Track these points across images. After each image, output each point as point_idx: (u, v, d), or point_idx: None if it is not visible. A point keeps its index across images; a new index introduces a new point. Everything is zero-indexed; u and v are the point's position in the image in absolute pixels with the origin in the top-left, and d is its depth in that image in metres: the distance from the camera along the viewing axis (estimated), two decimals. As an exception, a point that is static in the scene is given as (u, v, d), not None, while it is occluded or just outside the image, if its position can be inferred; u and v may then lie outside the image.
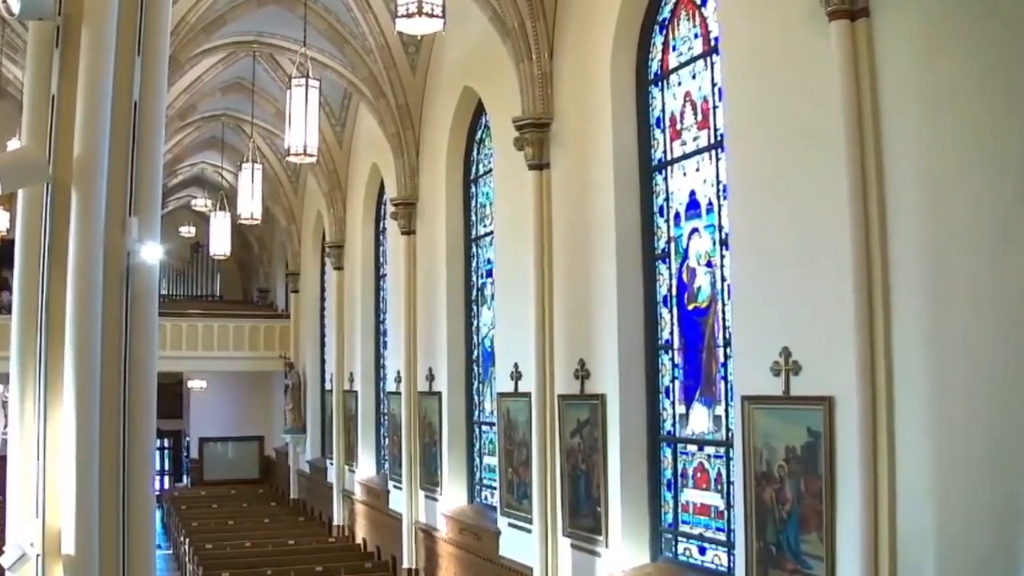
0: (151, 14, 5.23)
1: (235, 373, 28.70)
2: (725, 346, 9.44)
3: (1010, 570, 6.10)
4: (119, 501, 4.90)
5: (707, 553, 9.78)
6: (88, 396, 4.72)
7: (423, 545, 16.37)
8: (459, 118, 15.54)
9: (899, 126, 7.06)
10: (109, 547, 4.84)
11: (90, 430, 4.72)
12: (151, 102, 5.21)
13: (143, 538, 5.01)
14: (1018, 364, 6.13)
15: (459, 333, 15.56)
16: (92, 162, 4.86)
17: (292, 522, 23.10)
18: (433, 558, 15.89)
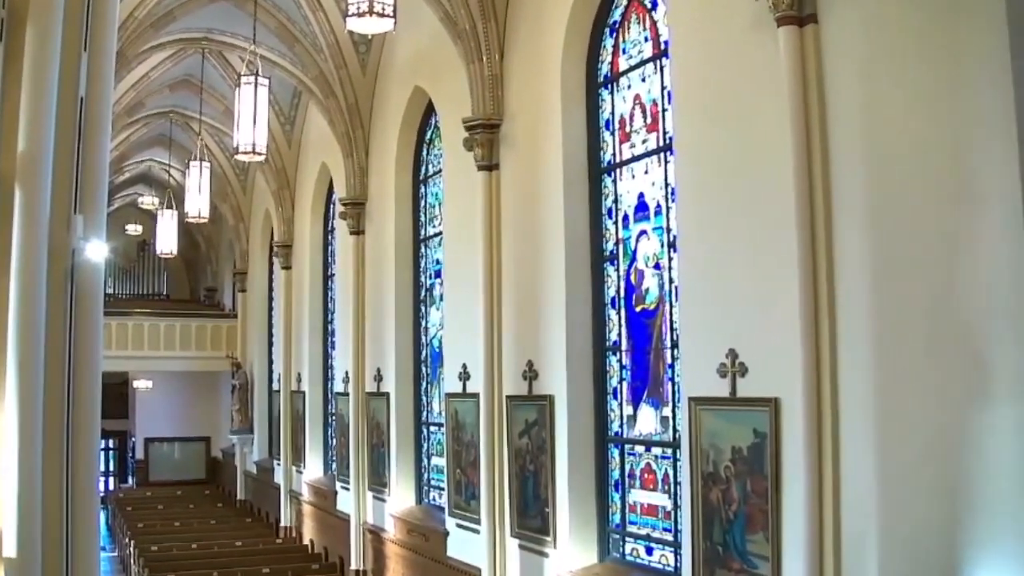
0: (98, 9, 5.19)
1: (182, 373, 28.44)
2: (673, 348, 9.50)
3: (952, 569, 6.19)
4: (62, 503, 4.85)
5: (654, 553, 9.84)
6: (31, 396, 4.67)
7: (371, 546, 16.32)
8: (409, 118, 15.52)
9: (846, 131, 7.15)
10: (52, 550, 4.79)
11: (33, 430, 4.67)
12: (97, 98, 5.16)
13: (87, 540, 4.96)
14: (961, 367, 6.22)
15: (407, 334, 15.53)
16: (37, 158, 4.80)
17: (239, 523, 22.93)
18: (381, 559, 15.84)
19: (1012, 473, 5.87)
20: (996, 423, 5.99)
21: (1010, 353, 5.93)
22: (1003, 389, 5.96)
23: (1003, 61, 6.01)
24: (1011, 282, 5.92)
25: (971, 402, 6.15)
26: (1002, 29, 6.02)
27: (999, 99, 6.02)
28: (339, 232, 18.68)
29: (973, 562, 6.08)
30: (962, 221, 6.26)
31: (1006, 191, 5.95)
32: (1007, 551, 5.88)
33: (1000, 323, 6.00)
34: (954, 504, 6.22)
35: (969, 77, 6.25)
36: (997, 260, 6.03)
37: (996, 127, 6.04)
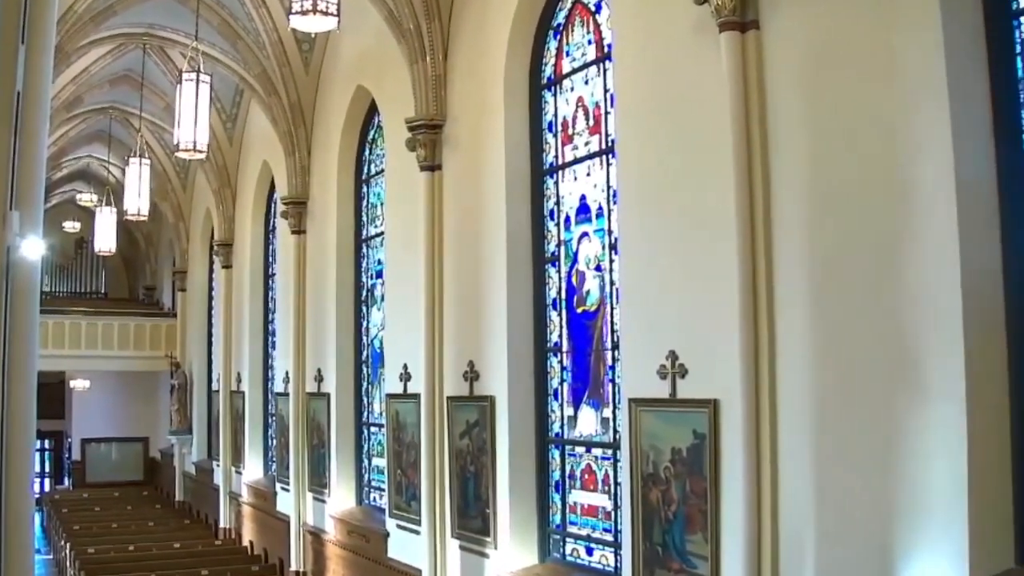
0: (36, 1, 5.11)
1: (119, 373, 28.12)
2: (613, 349, 9.56)
3: (887, 567, 6.30)
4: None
5: (594, 553, 9.88)
6: (-36, 395, 4.60)
7: (311, 547, 16.23)
8: (352, 117, 15.47)
9: (786, 136, 7.23)
10: (-16, 551, 4.71)
11: (-35, 430, 4.60)
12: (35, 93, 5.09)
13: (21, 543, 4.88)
14: (896, 368, 6.32)
15: (348, 334, 15.48)
16: (-29, 154, 4.73)
17: (177, 525, 22.67)
18: (321, 560, 15.76)
19: (945, 473, 5.97)
20: (930, 423, 6.10)
21: (943, 355, 6.03)
22: (937, 390, 6.07)
23: (939, 69, 6.13)
24: (945, 286, 6.03)
25: (906, 403, 6.25)
26: (938, 38, 6.14)
27: (935, 107, 6.14)
28: (280, 231, 18.54)
29: (908, 560, 6.19)
30: (899, 225, 6.37)
31: (942, 197, 6.07)
32: (941, 549, 5.99)
33: (934, 326, 6.11)
34: (890, 503, 6.33)
35: (906, 84, 6.36)
36: (932, 264, 6.13)
37: (932, 134, 6.16)
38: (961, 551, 5.87)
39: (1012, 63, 6.22)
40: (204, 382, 24.74)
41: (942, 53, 6.13)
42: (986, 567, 5.86)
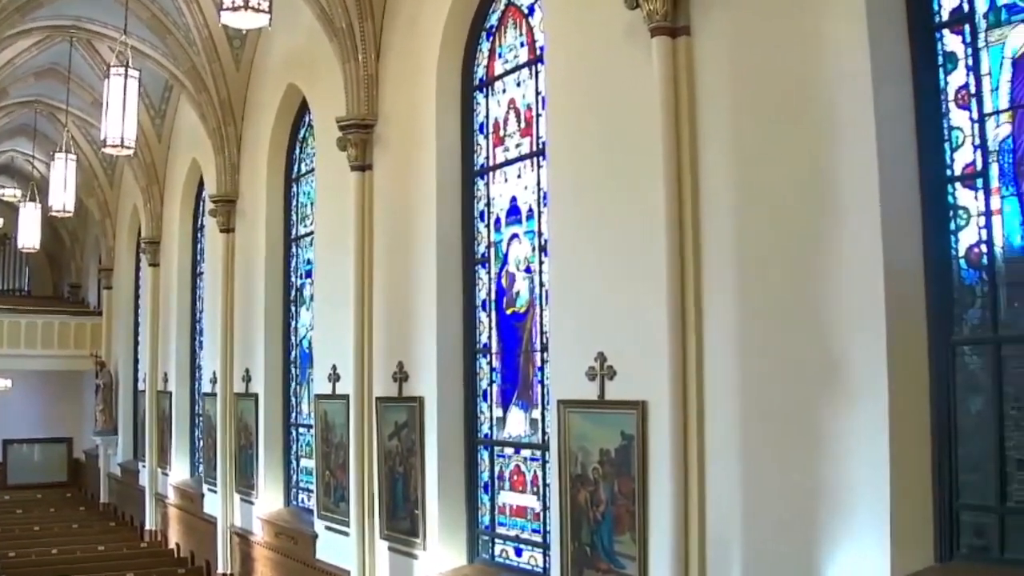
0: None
1: (43, 372, 27.60)
2: (542, 350, 9.58)
3: (813, 564, 6.39)
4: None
5: (523, 554, 9.90)
6: None
7: (238, 549, 16.07)
8: (282, 116, 15.35)
9: (715, 141, 7.31)
10: None
11: None
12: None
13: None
14: (821, 369, 6.42)
15: (277, 334, 15.37)
16: None
17: (102, 527, 22.34)
18: (249, 562, 15.61)
19: (869, 472, 6.08)
20: (854, 423, 6.20)
21: (866, 356, 6.14)
22: (860, 390, 6.17)
23: (864, 76, 6.24)
24: (867, 288, 6.14)
25: (831, 403, 6.35)
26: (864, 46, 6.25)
27: (861, 112, 6.25)
28: (209, 230, 18.33)
29: (832, 558, 6.28)
30: (824, 227, 6.47)
31: (865, 200, 6.18)
32: (864, 548, 6.09)
33: (857, 327, 6.21)
34: (815, 503, 6.42)
35: (832, 90, 6.46)
36: (855, 266, 6.24)
37: (857, 139, 6.26)
38: (884, 549, 5.97)
39: (935, 71, 6.36)
40: (130, 382, 24.36)
41: (868, 61, 6.24)
42: (907, 565, 5.98)
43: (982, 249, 6.10)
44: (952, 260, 6.21)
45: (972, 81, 6.20)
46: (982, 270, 6.10)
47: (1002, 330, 6.00)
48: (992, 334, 6.03)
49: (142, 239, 22.06)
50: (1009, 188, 6.00)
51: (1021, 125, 5.98)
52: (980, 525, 6.01)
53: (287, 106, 15.23)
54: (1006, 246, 6.01)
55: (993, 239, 6.05)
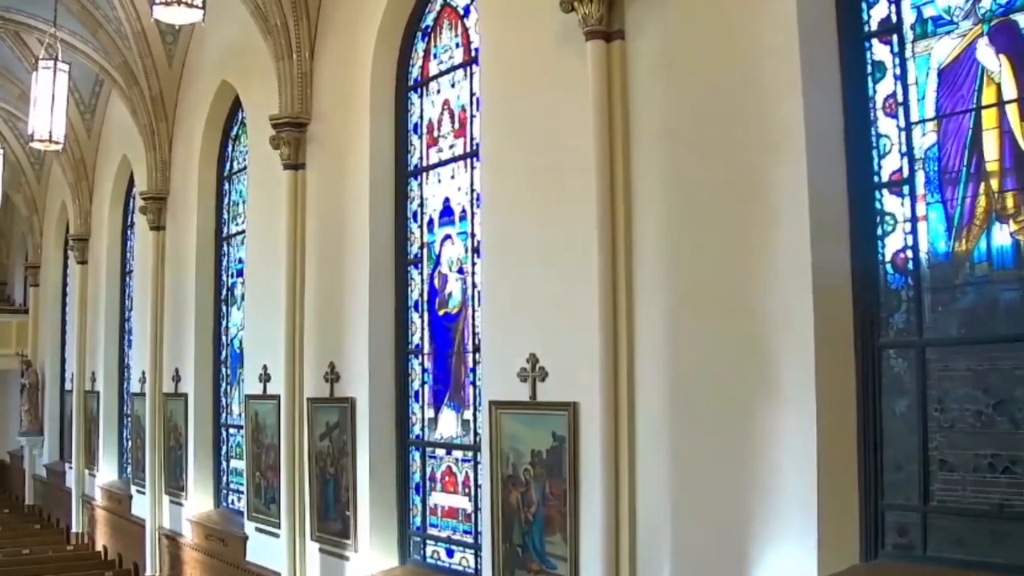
0: None
1: (-34, 371, 27.13)
2: (475, 351, 9.58)
3: (742, 562, 6.46)
4: None
5: (455, 555, 9.89)
6: None
7: (167, 551, 15.87)
8: (215, 113, 15.19)
9: (647, 144, 7.36)
10: None
11: None
12: None
13: None
14: (751, 371, 6.49)
15: (207, 334, 15.20)
16: None
17: (27, 530, 21.89)
18: (178, 565, 15.42)
19: (797, 473, 6.16)
20: (782, 424, 6.28)
21: (795, 358, 6.22)
22: (788, 392, 6.25)
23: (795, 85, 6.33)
24: (796, 291, 6.22)
25: (759, 405, 6.42)
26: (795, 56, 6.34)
27: (792, 120, 6.33)
28: (139, 227, 18.02)
29: (761, 557, 6.36)
30: (754, 230, 6.54)
31: (795, 205, 6.26)
32: (792, 548, 6.17)
33: (786, 330, 6.29)
34: (744, 503, 6.49)
35: (764, 97, 6.54)
36: (785, 270, 6.31)
37: (787, 145, 6.34)
38: (811, 548, 6.05)
39: (863, 80, 6.47)
40: (57, 381, 23.93)
41: (798, 68, 6.33)
42: (833, 564, 6.06)
43: (908, 254, 6.22)
44: (879, 265, 6.33)
45: (900, 90, 6.33)
46: (907, 275, 6.22)
47: (926, 334, 6.13)
48: (917, 338, 6.15)
49: (70, 236, 21.67)
50: (934, 195, 6.12)
51: (946, 134, 6.10)
52: (904, 524, 6.12)
53: (220, 103, 15.07)
54: (931, 252, 6.13)
55: (919, 245, 6.18)
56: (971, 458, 5.86)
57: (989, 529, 5.75)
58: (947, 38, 6.10)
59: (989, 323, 5.87)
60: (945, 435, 5.99)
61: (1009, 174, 5.79)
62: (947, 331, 6.06)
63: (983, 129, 5.90)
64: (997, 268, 5.84)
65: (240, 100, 14.41)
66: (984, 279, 5.89)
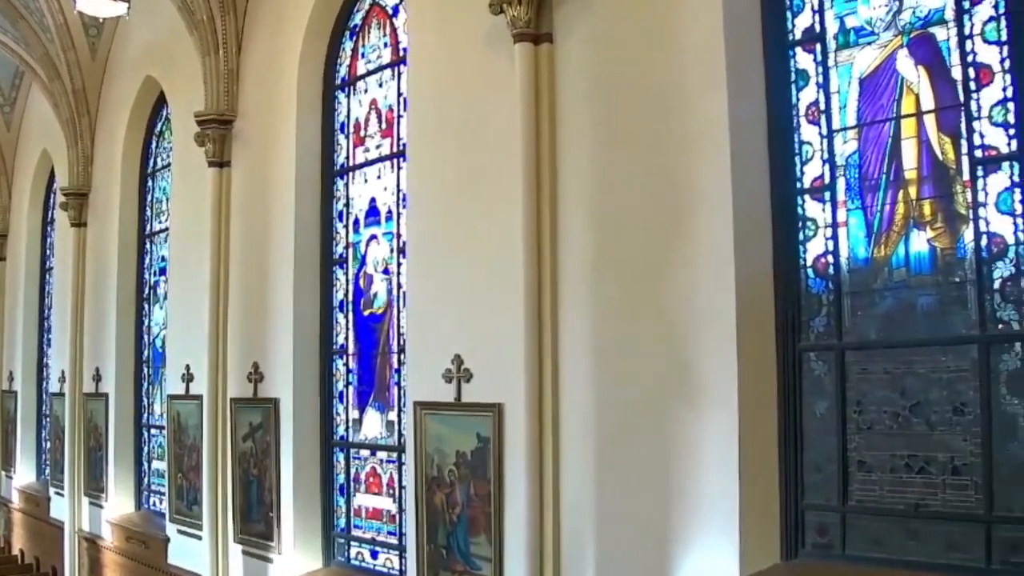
0: None
1: None
2: (400, 352, 9.56)
3: (665, 567, 6.52)
4: None
5: (379, 557, 9.85)
6: None
7: (87, 554, 15.58)
8: (139, 108, 14.95)
9: (574, 147, 7.39)
10: None
11: None
12: None
13: None
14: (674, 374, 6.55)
15: (129, 332, 14.95)
16: None
17: (-61, 533, 21.46)
18: (98, 568, 15.16)
19: (719, 472, 6.23)
20: (705, 425, 6.34)
21: (717, 360, 6.29)
22: (711, 394, 6.32)
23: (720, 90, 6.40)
24: (719, 295, 6.29)
25: (683, 406, 6.48)
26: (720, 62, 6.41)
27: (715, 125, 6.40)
28: (60, 223, 17.70)
29: (684, 557, 6.42)
30: (678, 236, 6.60)
31: (718, 209, 6.33)
32: (714, 547, 6.24)
33: (709, 333, 6.35)
34: (667, 504, 6.55)
35: (689, 102, 6.60)
36: (708, 273, 6.38)
37: (712, 150, 6.41)
38: (733, 548, 6.13)
39: (787, 88, 6.57)
40: (-28, 381, 23.45)
41: (724, 75, 6.40)
42: (755, 563, 6.16)
43: (828, 259, 6.33)
44: (800, 269, 6.43)
45: (822, 98, 6.44)
46: (828, 279, 6.33)
47: (846, 337, 6.24)
48: (836, 341, 6.26)
49: (-13, 231, 21.24)
50: (855, 201, 6.24)
51: (867, 142, 6.22)
52: (823, 524, 6.24)
53: (144, 99, 14.84)
54: (851, 257, 6.24)
55: (839, 250, 6.29)
56: (888, 459, 5.98)
57: (905, 528, 5.88)
58: (868, 48, 6.22)
59: (906, 327, 5.98)
60: (863, 436, 6.10)
61: (927, 182, 5.91)
62: (866, 335, 6.17)
63: (902, 138, 6.02)
64: (915, 274, 5.96)
65: (165, 96, 14.21)
66: (902, 284, 6.01)
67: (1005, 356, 5.56)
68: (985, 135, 5.66)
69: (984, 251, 5.64)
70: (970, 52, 5.73)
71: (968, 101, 5.73)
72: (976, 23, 5.72)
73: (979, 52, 5.70)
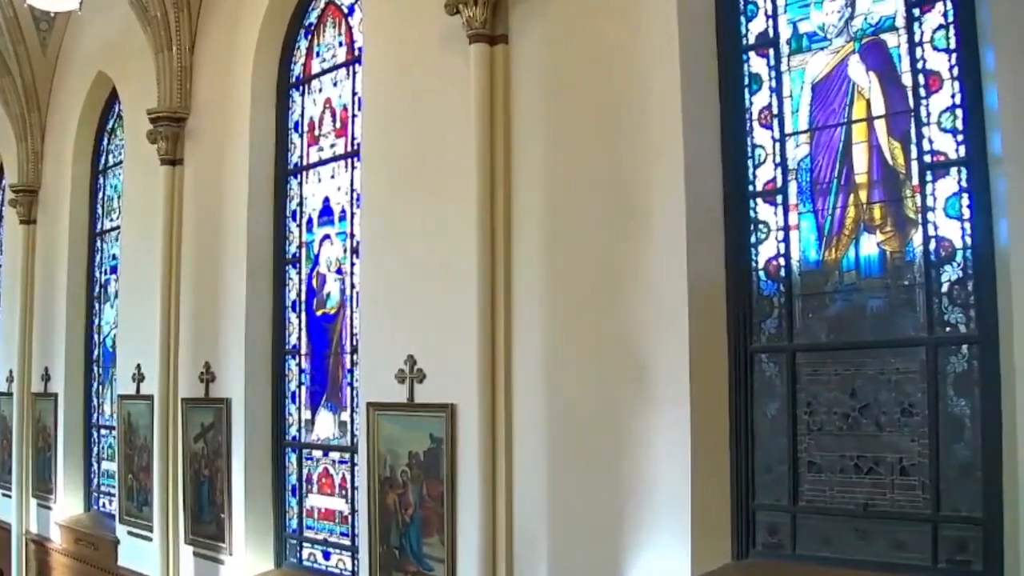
0: None
1: None
2: (352, 353, 9.52)
3: (617, 566, 6.55)
4: None
5: (332, 558, 9.81)
6: None
7: (35, 557, 15.36)
8: (91, 105, 14.76)
9: (528, 149, 7.41)
10: None
11: None
12: None
13: None
14: (626, 373, 6.58)
15: (79, 332, 14.76)
16: None
17: None
18: (46, 570, 14.96)
19: (671, 472, 6.27)
20: (657, 426, 6.38)
21: (670, 361, 6.33)
22: (663, 394, 6.36)
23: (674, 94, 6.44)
24: (672, 296, 6.33)
25: (635, 407, 6.52)
26: (675, 67, 6.45)
27: (669, 127, 6.44)
28: (8, 221, 17.43)
29: (637, 557, 6.45)
30: (632, 237, 6.63)
31: (672, 211, 6.37)
32: (666, 546, 6.28)
33: (662, 334, 6.40)
34: (620, 503, 6.58)
35: (643, 104, 6.64)
36: (661, 275, 6.42)
37: (666, 152, 6.45)
38: (685, 547, 6.18)
39: (740, 91, 6.63)
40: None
41: (678, 78, 6.44)
42: (706, 563, 6.20)
43: (780, 262, 6.39)
44: (752, 272, 6.48)
45: (775, 102, 6.49)
46: (779, 282, 6.38)
47: (797, 339, 6.30)
48: (787, 343, 6.32)
49: (-66, 228, 20.92)
50: (806, 205, 6.30)
51: (819, 146, 6.28)
52: (774, 524, 6.29)
53: (96, 95, 14.65)
54: (802, 260, 6.31)
55: (791, 253, 6.35)
56: (838, 460, 6.05)
57: (854, 528, 5.95)
58: (821, 54, 6.29)
59: (856, 329, 6.06)
60: (814, 437, 6.17)
61: (877, 186, 5.99)
62: (817, 337, 6.23)
63: (853, 142, 6.09)
64: (864, 276, 6.03)
65: (117, 92, 14.05)
66: (852, 287, 6.08)
67: (952, 358, 5.64)
68: (934, 141, 5.74)
69: (933, 255, 5.72)
70: (920, 59, 5.82)
71: (918, 107, 5.81)
72: (926, 31, 5.81)
73: (928, 59, 5.78)
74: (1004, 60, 5.20)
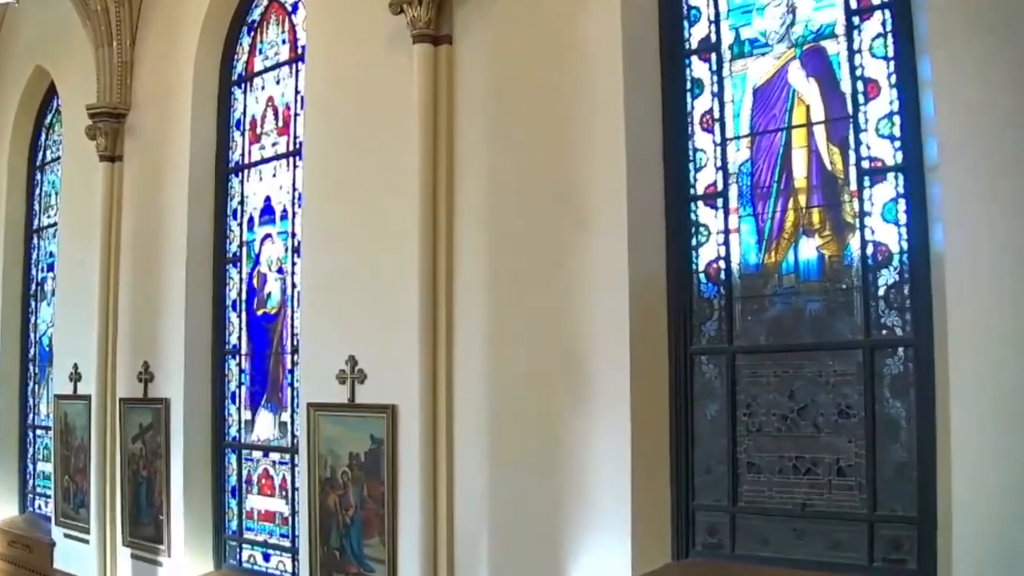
0: None
1: None
2: (293, 353, 9.47)
3: (558, 567, 6.57)
4: None
5: (272, 560, 9.74)
6: None
7: (-34, 559, 15.15)
8: (28, 99, 14.52)
9: (472, 150, 7.40)
10: None
11: None
12: None
13: None
14: (567, 376, 6.61)
15: (14, 331, 14.51)
16: None
17: None
18: (-23, 573, 14.75)
19: (612, 472, 6.31)
20: (598, 427, 6.41)
21: (611, 363, 6.37)
22: (604, 395, 6.39)
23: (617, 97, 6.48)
24: (613, 298, 6.37)
25: (576, 407, 6.54)
26: (617, 71, 6.49)
27: (611, 130, 6.48)
28: (-59, 217, 17.16)
29: (577, 558, 6.48)
30: (574, 239, 6.65)
31: (613, 214, 6.41)
32: (607, 547, 6.32)
33: (603, 336, 6.43)
34: (561, 505, 6.60)
35: (586, 107, 6.66)
36: (602, 277, 6.45)
37: (608, 155, 6.49)
38: (625, 548, 6.21)
39: (682, 96, 6.69)
40: None
41: (621, 81, 6.48)
42: (647, 563, 6.25)
43: (720, 265, 6.45)
44: (692, 274, 6.54)
45: (717, 107, 6.56)
46: (720, 284, 6.45)
47: (736, 341, 6.36)
48: (727, 345, 6.38)
49: None
50: (747, 209, 6.37)
51: (759, 150, 6.35)
52: (713, 524, 6.36)
53: (33, 89, 14.41)
54: (742, 263, 6.38)
55: (731, 256, 6.42)
56: (776, 460, 6.13)
57: (792, 528, 6.02)
58: (762, 59, 6.36)
59: (795, 332, 6.13)
60: (753, 438, 6.24)
61: (816, 191, 6.07)
62: (756, 339, 6.30)
63: (793, 147, 6.17)
64: (803, 280, 6.11)
65: (56, 87, 13.85)
66: (791, 290, 6.15)
67: (889, 361, 5.73)
68: (872, 147, 5.83)
69: (870, 259, 5.81)
70: (859, 66, 5.91)
71: (856, 113, 5.89)
72: (865, 39, 5.90)
73: (867, 67, 5.87)
74: (941, 69, 5.28)
